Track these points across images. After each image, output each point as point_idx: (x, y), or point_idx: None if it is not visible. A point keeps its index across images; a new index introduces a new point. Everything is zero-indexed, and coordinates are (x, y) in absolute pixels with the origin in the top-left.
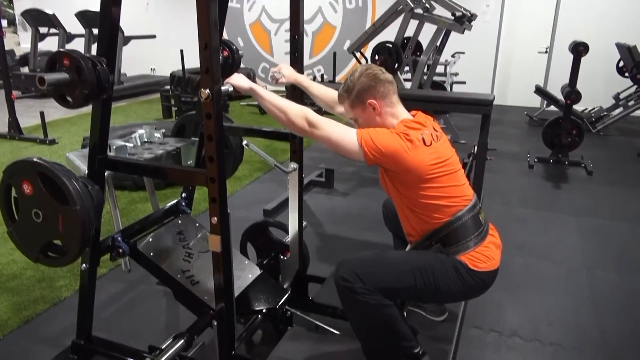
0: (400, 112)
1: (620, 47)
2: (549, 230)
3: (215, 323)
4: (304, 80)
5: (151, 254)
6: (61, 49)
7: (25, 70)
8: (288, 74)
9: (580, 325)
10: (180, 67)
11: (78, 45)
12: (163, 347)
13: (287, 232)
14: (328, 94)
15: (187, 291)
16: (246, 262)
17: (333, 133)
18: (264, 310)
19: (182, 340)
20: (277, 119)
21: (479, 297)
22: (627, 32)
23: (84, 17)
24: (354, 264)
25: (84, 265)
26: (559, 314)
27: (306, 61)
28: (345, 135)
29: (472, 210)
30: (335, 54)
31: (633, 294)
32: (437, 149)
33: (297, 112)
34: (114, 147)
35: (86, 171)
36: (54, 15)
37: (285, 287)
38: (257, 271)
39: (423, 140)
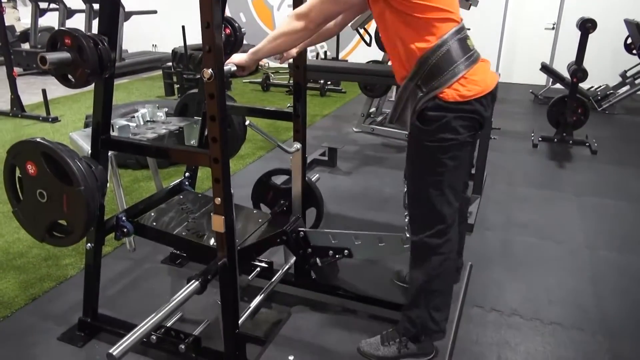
0: None
1: (628, 23)
2: (552, 210)
3: (219, 302)
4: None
5: (154, 224)
6: (62, 28)
7: (26, 46)
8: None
9: (580, 304)
10: (182, 44)
11: (79, 20)
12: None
13: (289, 175)
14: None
15: (195, 244)
16: (254, 212)
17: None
18: (277, 239)
19: (197, 282)
20: (285, 47)
21: (482, 273)
22: (636, 8)
23: None
24: (416, 228)
25: (89, 244)
26: (559, 293)
27: None
28: None
29: (459, 33)
30: None
31: (634, 274)
32: None
33: (287, 22)
34: (117, 126)
35: (89, 151)
36: None
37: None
38: (267, 216)
39: None
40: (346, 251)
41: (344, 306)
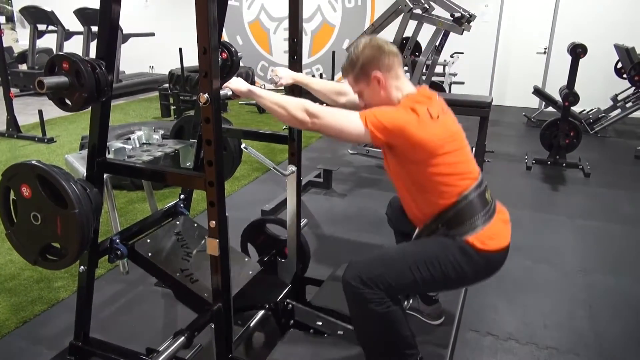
0: (405, 86)
1: (618, 48)
2: (546, 233)
3: (213, 325)
4: (302, 78)
5: (149, 254)
6: (60, 53)
7: (23, 67)
8: (285, 75)
9: (575, 328)
10: (179, 65)
11: (77, 42)
12: (163, 345)
13: (285, 227)
14: (328, 85)
15: (186, 289)
16: (246, 259)
17: (335, 120)
18: (265, 305)
19: (183, 337)
20: (277, 116)
21: (478, 297)
22: (625, 33)
23: (82, 14)
24: (359, 267)
25: (82, 267)
26: (554, 317)
27: (305, 60)
28: (349, 120)
29: (478, 188)
30: (334, 53)
31: (628, 296)
32: (444, 122)
33: (297, 105)
34: (113, 149)
35: (85, 174)
36: (52, 12)
37: (285, 282)
38: (257, 267)
39: (430, 114)
40: (326, 335)
41: (338, 329)
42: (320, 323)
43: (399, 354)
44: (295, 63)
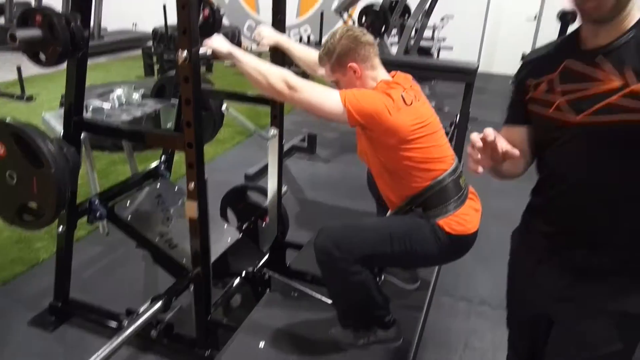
0: (380, 75)
1: None
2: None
3: (192, 287)
4: (285, 41)
5: (129, 217)
6: (32, 7)
7: (0, 21)
8: (268, 35)
9: None
10: (162, 23)
11: None
12: (141, 309)
13: (267, 195)
14: (310, 55)
15: (165, 254)
16: (225, 226)
17: (314, 95)
18: (242, 273)
19: (160, 302)
20: (256, 84)
21: (454, 263)
22: None
23: None
24: (332, 232)
25: (60, 227)
26: None
27: (293, 21)
28: (328, 97)
29: (453, 174)
30: (322, 14)
31: None
32: (417, 109)
33: (277, 75)
34: (91, 107)
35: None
36: None
37: (264, 251)
38: (236, 235)
39: (404, 99)
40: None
41: (316, 293)
42: (295, 295)
43: (369, 314)
44: (279, 22)
